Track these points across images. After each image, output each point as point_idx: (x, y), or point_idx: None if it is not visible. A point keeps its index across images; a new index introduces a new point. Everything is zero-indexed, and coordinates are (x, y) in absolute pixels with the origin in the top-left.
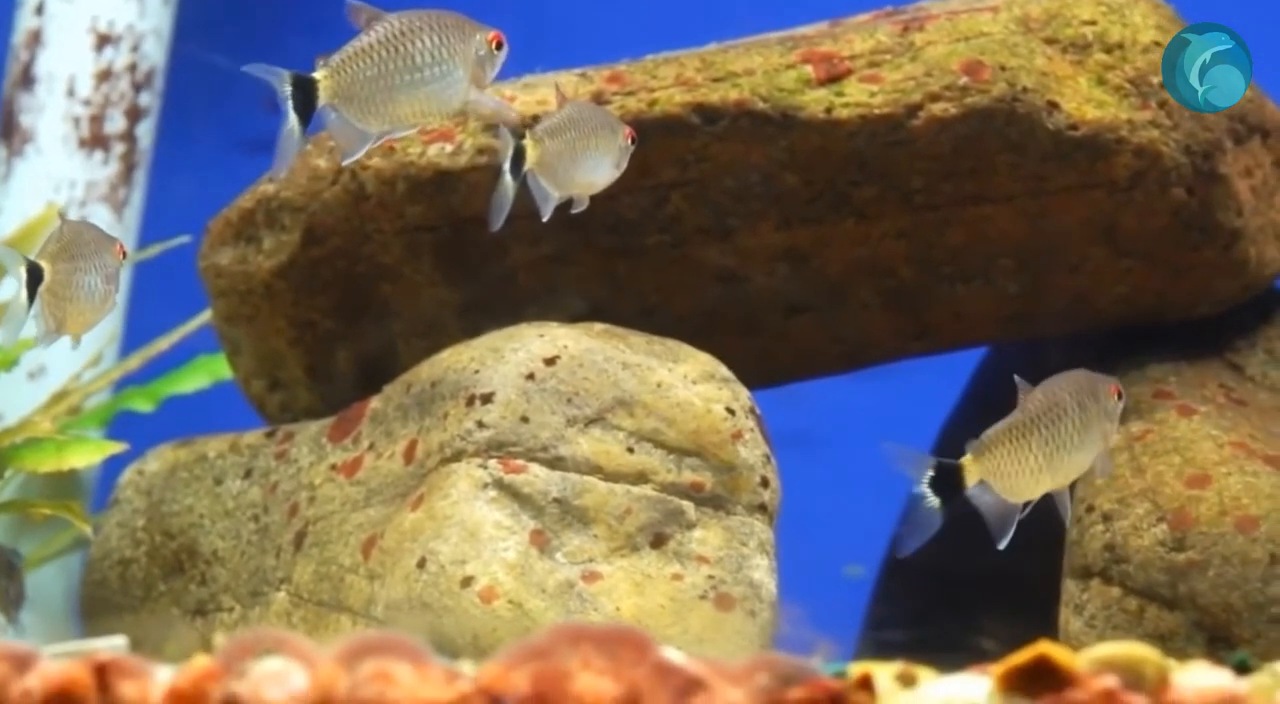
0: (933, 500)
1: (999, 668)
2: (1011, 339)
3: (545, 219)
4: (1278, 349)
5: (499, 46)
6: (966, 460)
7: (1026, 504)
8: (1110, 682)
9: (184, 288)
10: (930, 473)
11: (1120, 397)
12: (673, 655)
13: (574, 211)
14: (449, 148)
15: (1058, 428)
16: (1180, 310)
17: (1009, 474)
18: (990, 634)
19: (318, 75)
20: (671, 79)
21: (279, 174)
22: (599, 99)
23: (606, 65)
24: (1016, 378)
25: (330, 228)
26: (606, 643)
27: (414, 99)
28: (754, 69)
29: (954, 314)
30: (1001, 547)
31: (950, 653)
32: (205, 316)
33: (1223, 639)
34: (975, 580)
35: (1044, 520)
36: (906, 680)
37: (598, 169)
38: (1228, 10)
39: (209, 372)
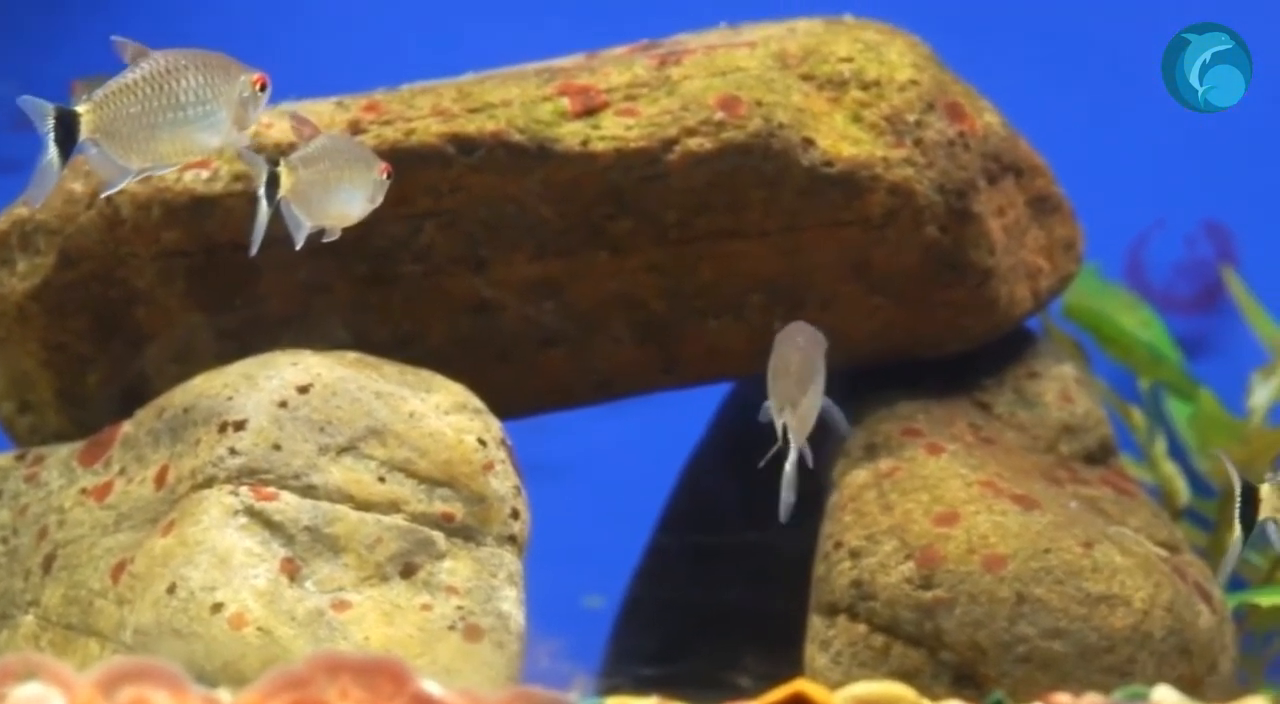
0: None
1: None
2: (761, 373)
3: (298, 248)
4: (1026, 388)
5: (263, 88)
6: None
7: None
8: None
9: None
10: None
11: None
12: (430, 687)
13: (325, 241)
14: (205, 174)
15: (807, 379)
16: (931, 348)
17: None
18: (743, 669)
19: (80, 109)
20: (428, 109)
21: (35, 203)
22: (355, 128)
23: (363, 94)
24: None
25: (85, 251)
26: (365, 673)
27: (176, 137)
28: (511, 100)
29: (705, 348)
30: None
31: (703, 688)
32: None
33: (968, 678)
34: (724, 615)
35: (797, 557)
36: None
37: (351, 201)
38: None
39: None
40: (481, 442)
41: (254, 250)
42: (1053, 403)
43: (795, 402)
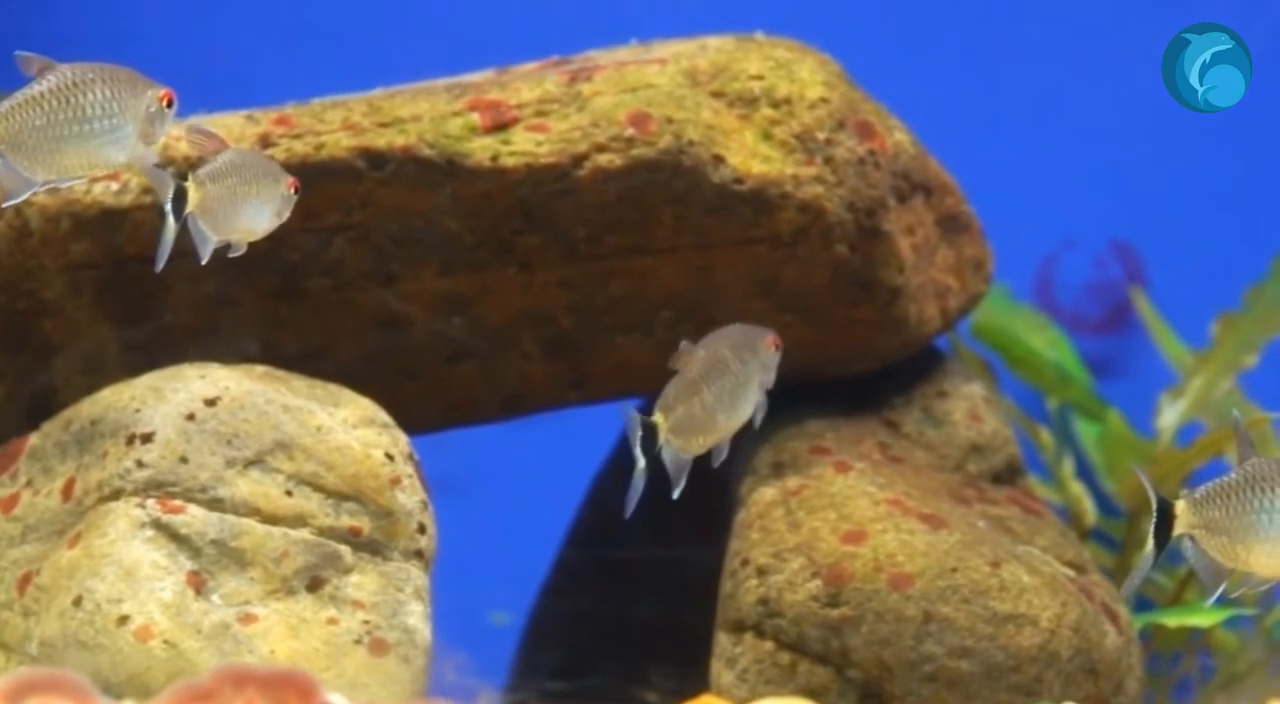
0: (641, 460)
1: None
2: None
3: (204, 262)
4: (934, 407)
5: (169, 104)
6: (658, 417)
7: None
8: None
9: None
10: (640, 432)
11: (777, 348)
12: (337, 700)
13: (231, 256)
14: (114, 186)
15: (722, 382)
16: (839, 366)
17: (685, 428)
18: (649, 685)
19: None
20: (339, 123)
21: None
22: (265, 141)
23: (274, 107)
24: (683, 342)
25: None
26: (271, 685)
27: (81, 151)
28: (421, 115)
29: (614, 364)
30: (675, 496)
31: (611, 703)
32: None
33: (875, 696)
34: (630, 631)
35: (704, 573)
36: None
37: (258, 216)
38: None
39: None
40: (389, 456)
41: (160, 266)
42: (961, 422)
43: (669, 407)
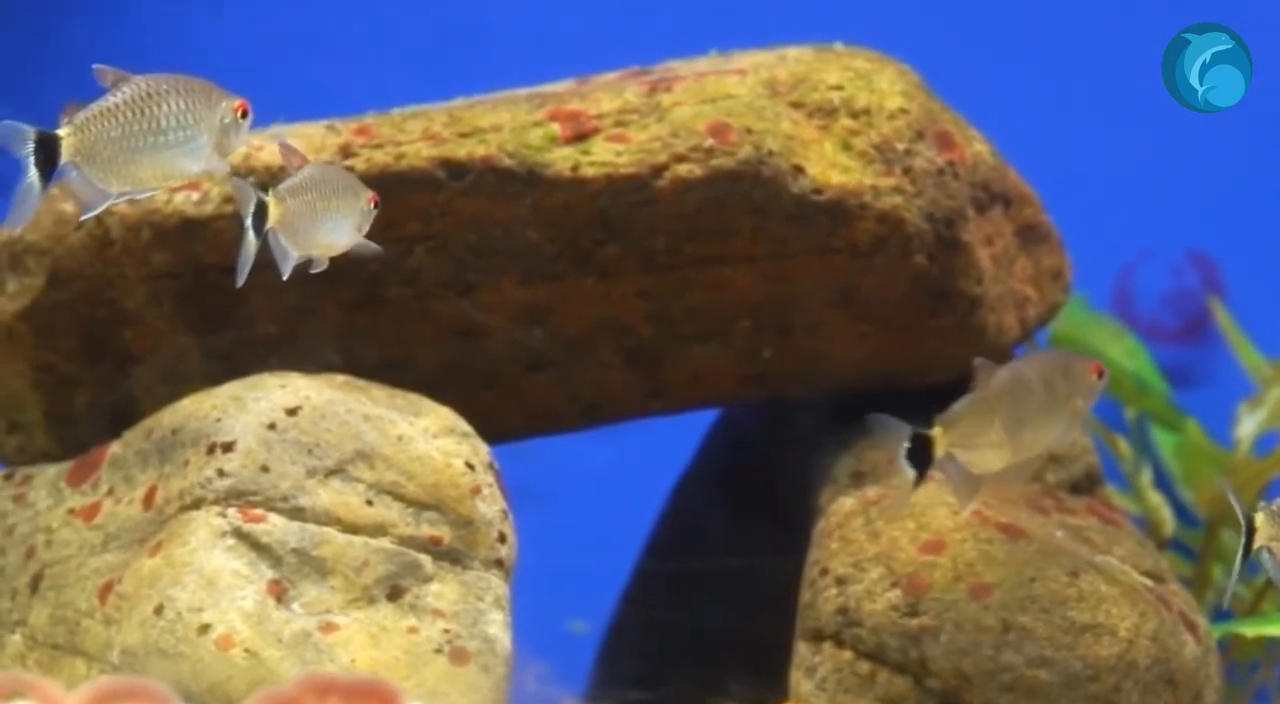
0: (909, 473)
1: None
2: (748, 400)
3: (285, 277)
4: None
5: (244, 115)
6: (936, 431)
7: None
8: None
9: None
10: (907, 444)
11: (1101, 376)
12: None
13: (313, 271)
14: (195, 196)
15: (1021, 403)
16: (917, 376)
17: (973, 446)
18: (728, 694)
19: (61, 133)
20: (419, 133)
21: (15, 227)
22: (346, 151)
23: (354, 118)
24: (978, 360)
25: (74, 272)
26: (354, 694)
27: (156, 162)
28: (501, 125)
29: (691, 374)
30: (965, 513)
31: None
32: None
33: None
34: (709, 640)
35: (782, 582)
36: None
37: (338, 231)
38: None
39: None
40: (469, 465)
41: (241, 281)
42: None
43: (952, 422)
